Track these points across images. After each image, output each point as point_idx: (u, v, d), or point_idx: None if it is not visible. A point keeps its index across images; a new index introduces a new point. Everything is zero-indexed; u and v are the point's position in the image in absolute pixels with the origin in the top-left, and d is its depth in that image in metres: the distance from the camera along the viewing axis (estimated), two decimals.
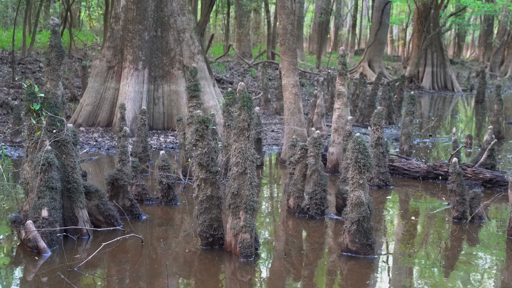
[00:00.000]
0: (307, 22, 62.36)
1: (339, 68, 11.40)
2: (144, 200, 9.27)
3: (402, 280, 6.63)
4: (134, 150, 11.17)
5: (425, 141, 16.16)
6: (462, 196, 8.71)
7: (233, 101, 10.61)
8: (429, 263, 7.15)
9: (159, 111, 15.36)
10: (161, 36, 15.40)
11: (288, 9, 12.13)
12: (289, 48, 12.15)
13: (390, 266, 7.09)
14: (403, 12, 64.07)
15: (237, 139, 6.94)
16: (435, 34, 33.43)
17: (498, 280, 6.70)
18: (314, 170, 8.66)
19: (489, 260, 7.37)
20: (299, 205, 8.89)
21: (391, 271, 6.91)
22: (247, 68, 31.22)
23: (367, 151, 7.08)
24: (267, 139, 15.31)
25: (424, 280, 6.59)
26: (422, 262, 7.21)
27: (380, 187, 10.75)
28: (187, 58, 15.40)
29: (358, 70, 36.64)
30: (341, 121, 11.44)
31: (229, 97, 10.44)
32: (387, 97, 18.60)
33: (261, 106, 21.18)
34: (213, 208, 7.29)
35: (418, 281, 6.57)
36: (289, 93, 12.20)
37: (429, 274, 6.81)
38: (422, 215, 9.32)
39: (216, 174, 7.24)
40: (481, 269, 7.07)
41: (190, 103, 10.67)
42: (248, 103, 6.88)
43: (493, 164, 11.61)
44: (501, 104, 16.32)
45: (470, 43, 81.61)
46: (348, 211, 7.18)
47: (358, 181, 7.09)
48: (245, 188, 6.90)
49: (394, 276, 6.77)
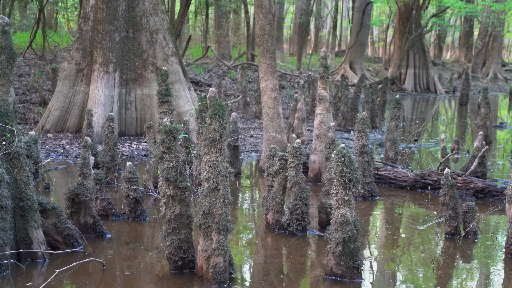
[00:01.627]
0: (287, 23, 61.76)
1: (321, 71, 10.69)
2: (110, 215, 8.49)
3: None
4: (102, 159, 10.38)
5: (410, 146, 15.51)
6: (455, 210, 8.03)
7: (207, 107, 9.84)
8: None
9: (132, 116, 14.57)
10: (133, 37, 14.61)
11: (266, 8, 11.41)
12: (267, 49, 11.42)
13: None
14: (383, 13, 63.74)
15: (208, 151, 6.20)
16: (417, 35, 32.90)
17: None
18: (294, 182, 7.94)
19: (487, 281, 6.69)
20: (278, 220, 8.16)
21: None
22: (226, 70, 30.46)
23: (353, 164, 6.37)
24: (246, 145, 14.57)
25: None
26: (414, 287, 6.51)
27: (365, 198, 10.05)
28: (160, 60, 14.62)
29: (339, 72, 36.03)
30: (323, 128, 10.74)
31: (203, 102, 9.70)
32: (370, 100, 17.94)
33: (240, 109, 20.46)
34: (183, 228, 6.54)
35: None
36: (268, 98, 11.48)
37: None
38: (412, 230, 8.62)
39: (185, 190, 6.49)
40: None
41: (161, 108, 9.89)
42: (219, 111, 6.14)
43: (484, 172, 10.97)
44: (489, 108, 15.71)
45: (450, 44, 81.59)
46: (333, 231, 6.46)
47: (343, 197, 6.37)
48: (218, 206, 6.16)
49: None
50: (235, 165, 11.42)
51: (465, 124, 21.70)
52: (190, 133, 13.11)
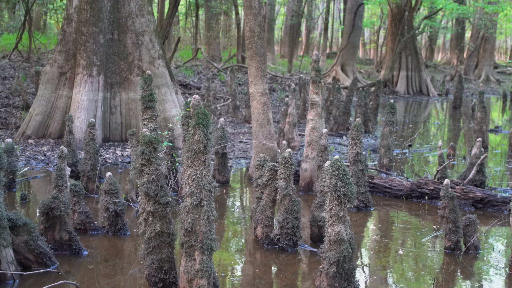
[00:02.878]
0: (279, 25, 61.32)
1: (313, 75, 10.21)
2: (88, 229, 7.97)
3: None
4: (82, 168, 9.85)
5: (404, 152, 15.04)
6: (455, 224, 7.56)
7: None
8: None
9: (116, 121, 14.04)
10: (118, 39, 14.08)
11: (255, 10, 10.92)
12: (256, 52, 10.93)
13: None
14: (374, 15, 63.42)
15: (191, 164, 5.69)
16: (410, 37, 32.49)
17: None
18: (285, 194, 7.44)
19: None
20: (268, 235, 7.67)
21: None
22: (216, 73, 29.96)
23: (348, 178, 5.89)
24: (235, 151, 14.05)
25: None
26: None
27: (359, 209, 9.56)
28: (146, 63, 14.10)
29: (331, 74, 35.58)
30: (315, 134, 10.25)
31: (188, 109, 9.19)
32: (362, 104, 17.47)
33: (229, 113, 19.96)
34: (164, 247, 6.03)
35: None
36: (257, 103, 10.99)
37: None
38: (410, 245, 8.14)
39: (166, 206, 5.99)
40: None
41: (144, 115, 9.40)
42: (203, 120, 5.64)
43: (483, 180, 10.53)
44: (485, 112, 15.28)
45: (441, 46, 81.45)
46: (326, 249, 5.97)
47: (337, 213, 5.89)
48: (201, 223, 5.65)
49: None
50: (223, 173, 10.92)
51: (459, 128, 21.27)
52: (176, 139, 12.60)
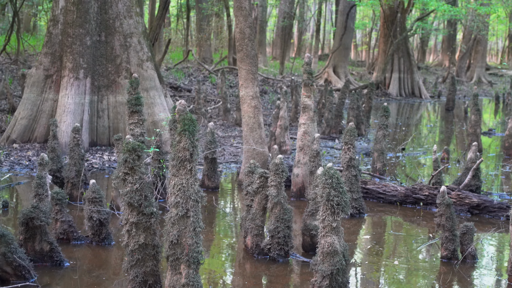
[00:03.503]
0: (271, 27, 61.12)
1: (305, 78, 9.93)
2: (71, 239, 7.65)
3: None
4: (67, 174, 9.53)
5: (398, 156, 14.79)
6: (452, 232, 7.30)
7: None
8: None
9: (104, 125, 13.72)
10: (105, 41, 13.77)
11: (246, 11, 10.64)
12: (247, 54, 10.65)
13: None
14: (366, 16, 63.32)
15: (177, 172, 5.39)
16: (402, 39, 32.28)
17: None
18: (276, 202, 7.16)
19: None
20: (258, 244, 7.38)
21: None
22: (207, 75, 29.67)
23: (342, 186, 5.61)
24: (225, 156, 13.76)
25: None
26: None
27: (353, 215, 9.28)
28: (135, 65, 13.79)
29: (323, 76, 35.35)
30: (307, 139, 9.97)
31: (175, 113, 8.89)
32: (355, 107, 17.22)
33: (220, 116, 19.67)
34: (148, 260, 5.75)
35: None
36: (248, 106, 10.70)
37: None
38: (405, 254, 7.87)
39: (151, 217, 5.70)
40: None
41: (131, 119, 9.10)
42: (190, 127, 5.35)
43: (478, 185, 10.28)
44: (479, 115, 15.04)
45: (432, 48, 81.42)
46: (319, 262, 5.70)
47: (330, 224, 5.61)
48: (187, 235, 5.36)
49: None
50: (212, 178, 10.62)
51: (452, 130, 21.05)
52: (164, 144, 12.30)
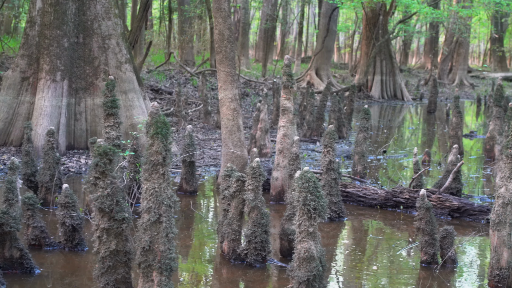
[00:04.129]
0: (254, 29, 61.03)
1: (284, 80, 9.81)
2: (43, 245, 7.46)
3: None
4: (41, 178, 9.33)
5: (379, 158, 14.70)
6: (431, 236, 7.20)
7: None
8: None
9: (81, 128, 13.51)
10: (83, 43, 13.56)
11: (225, 12, 10.50)
12: (226, 56, 10.51)
13: None
14: (349, 19, 63.39)
15: (149, 177, 5.24)
16: (384, 41, 32.30)
17: None
18: (253, 207, 7.02)
19: None
20: (235, 249, 7.23)
21: None
22: (189, 77, 29.47)
23: (319, 191, 5.49)
24: (205, 159, 13.60)
25: None
26: None
27: (332, 219, 9.16)
28: (113, 67, 13.60)
29: (305, 79, 35.27)
30: (287, 142, 9.84)
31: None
32: (336, 109, 17.13)
33: (200, 119, 19.51)
34: (119, 267, 5.59)
35: None
36: (227, 109, 10.56)
37: None
38: (385, 258, 7.77)
39: (122, 223, 5.54)
40: None
41: (106, 122, 8.91)
42: (163, 130, 5.20)
43: (459, 188, 10.20)
44: (460, 117, 15.01)
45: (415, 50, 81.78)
46: (295, 268, 5.56)
47: (307, 229, 5.48)
48: (160, 242, 5.21)
49: None
50: (190, 182, 10.46)
51: (434, 133, 21.03)
52: (141, 147, 12.10)
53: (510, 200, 6.37)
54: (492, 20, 53.20)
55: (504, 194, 6.39)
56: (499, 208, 6.42)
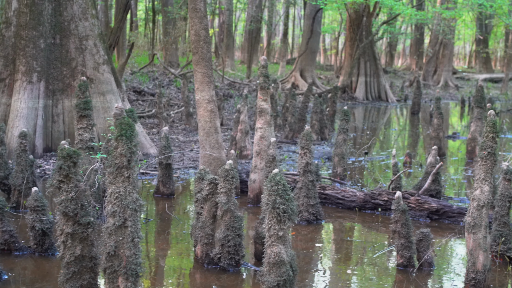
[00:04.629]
0: (240, 31, 60.96)
1: (260, 81, 9.68)
2: (13, 250, 7.29)
3: None
4: (13, 181, 9.15)
5: (360, 160, 14.61)
6: (407, 239, 7.09)
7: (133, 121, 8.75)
8: None
9: (59, 130, 13.33)
10: (60, 44, 13.38)
11: (201, 13, 10.36)
12: (203, 57, 10.37)
13: None
14: (335, 21, 63.44)
15: (114, 180, 5.10)
16: (368, 42, 32.26)
17: None
18: (226, 210, 6.89)
19: None
20: (208, 253, 7.10)
21: None
22: (172, 79, 29.31)
23: (288, 193, 5.36)
24: (184, 161, 13.45)
25: None
26: None
27: (309, 222, 9.04)
28: (90, 69, 13.43)
29: (290, 80, 35.19)
30: (264, 143, 9.72)
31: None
32: (318, 111, 17.02)
33: (182, 121, 19.35)
34: (85, 272, 5.45)
35: None
36: (204, 110, 10.42)
37: None
38: (361, 262, 7.65)
39: (87, 227, 5.40)
40: None
41: (79, 124, 8.74)
42: (127, 132, 5.07)
43: (439, 190, 10.10)
44: (441, 118, 14.96)
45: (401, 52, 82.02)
46: (265, 272, 5.44)
47: (276, 233, 5.36)
48: (125, 246, 5.08)
49: None
50: (167, 185, 10.32)
51: (417, 134, 20.99)
52: None
53: (485, 203, 6.28)
54: (477, 21, 53.43)
55: (479, 196, 6.30)
56: (474, 210, 6.33)
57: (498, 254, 7.44)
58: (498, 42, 69.91)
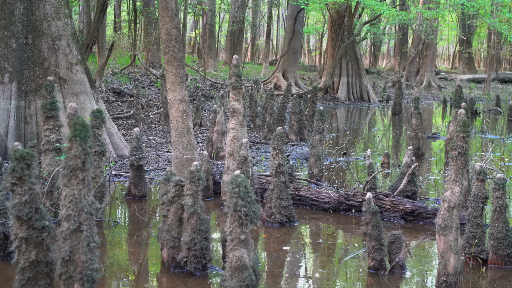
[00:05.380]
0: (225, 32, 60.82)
1: (232, 81, 9.50)
2: None
3: None
4: None
5: (338, 160, 14.47)
6: (379, 241, 6.94)
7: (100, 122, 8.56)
8: None
9: (32, 132, 13.06)
10: (32, 44, 13.11)
11: (172, 11, 10.17)
12: (174, 57, 10.18)
13: None
14: (319, 21, 63.46)
15: (68, 182, 4.91)
16: (350, 43, 32.17)
17: None
18: (192, 212, 6.71)
19: None
20: (174, 257, 6.91)
21: None
22: (154, 79, 29.11)
23: (251, 196, 5.19)
24: (159, 162, 13.25)
25: None
26: None
27: (282, 224, 8.88)
28: (64, 69, 13.17)
29: (272, 81, 35.03)
30: (237, 144, 9.54)
31: (88, 118, 8.39)
32: (297, 111, 16.87)
33: (161, 121, 19.14)
34: (40, 279, 5.24)
35: None
36: (176, 111, 10.23)
37: None
38: (331, 265, 7.50)
39: (42, 231, 5.20)
40: None
41: (46, 125, 8.57)
42: (81, 132, 4.87)
43: (414, 191, 9.97)
44: (420, 118, 14.84)
45: (385, 52, 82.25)
46: (227, 277, 5.26)
47: (238, 236, 5.19)
48: (81, 251, 4.88)
49: None
50: (139, 187, 10.12)
51: (398, 134, 20.90)
52: None
53: (456, 204, 6.15)
54: (460, 22, 53.59)
55: (450, 198, 6.16)
56: (445, 212, 6.19)
57: (472, 256, 7.32)
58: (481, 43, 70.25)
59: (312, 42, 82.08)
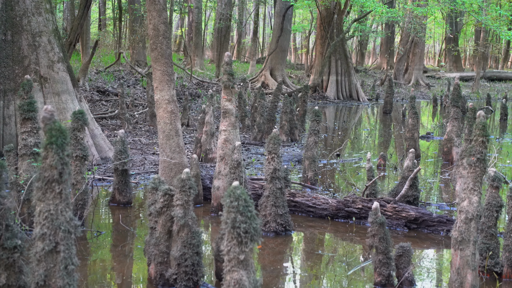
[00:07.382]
0: (211, 30, 60.15)
1: (224, 79, 8.88)
2: None
3: None
4: None
5: (332, 162, 13.89)
6: (386, 255, 6.36)
7: (82, 124, 7.93)
8: None
9: (11, 133, 12.38)
10: (11, 41, 12.43)
11: (160, 5, 9.55)
12: (162, 54, 9.56)
13: None
14: (306, 19, 62.96)
15: (43, 196, 4.28)
16: (339, 40, 31.63)
17: None
18: (182, 225, 6.10)
19: None
20: (162, 274, 6.29)
21: None
22: (139, 78, 28.42)
23: (251, 210, 4.59)
24: (146, 165, 12.61)
25: None
26: None
27: (278, 233, 8.28)
28: (44, 67, 12.50)
29: (260, 79, 34.45)
30: (228, 147, 8.93)
31: (68, 121, 7.75)
32: (288, 111, 16.29)
33: (146, 122, 18.49)
34: None
35: None
36: (164, 111, 9.61)
37: None
38: (334, 280, 6.91)
39: (14, 252, 4.57)
40: None
41: (23, 127, 7.92)
42: (58, 139, 4.25)
43: (416, 196, 9.41)
44: (416, 118, 14.31)
45: (372, 51, 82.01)
46: None
47: (237, 256, 4.58)
48: (57, 275, 4.26)
49: None
50: (123, 193, 9.48)
51: (390, 134, 20.37)
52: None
53: (474, 215, 5.58)
54: (447, 20, 53.28)
55: (468, 208, 5.59)
56: (461, 224, 5.62)
57: (485, 270, 6.76)
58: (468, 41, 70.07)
59: (298, 40, 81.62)
